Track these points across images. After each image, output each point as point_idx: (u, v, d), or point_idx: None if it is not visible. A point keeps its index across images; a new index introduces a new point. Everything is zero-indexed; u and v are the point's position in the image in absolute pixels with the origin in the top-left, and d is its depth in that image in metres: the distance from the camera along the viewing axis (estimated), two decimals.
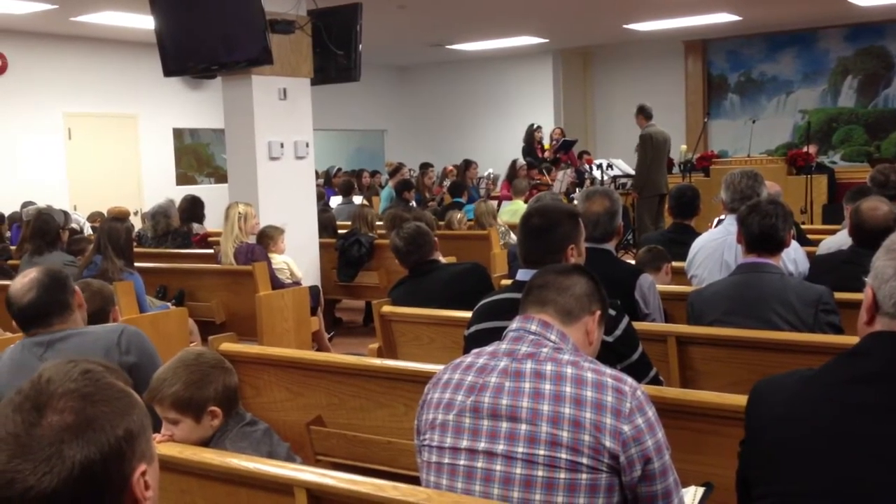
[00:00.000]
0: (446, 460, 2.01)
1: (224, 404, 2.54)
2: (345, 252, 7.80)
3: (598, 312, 2.24)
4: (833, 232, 5.35)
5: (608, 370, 2.01)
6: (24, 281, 2.99)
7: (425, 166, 12.31)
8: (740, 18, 12.85)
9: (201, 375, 2.52)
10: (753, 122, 12.85)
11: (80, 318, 3.08)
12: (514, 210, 9.39)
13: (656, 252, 4.65)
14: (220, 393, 2.53)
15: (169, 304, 6.06)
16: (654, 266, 4.51)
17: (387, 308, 4.35)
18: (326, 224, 8.41)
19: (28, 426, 1.20)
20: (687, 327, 3.56)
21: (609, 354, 2.56)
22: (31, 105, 11.58)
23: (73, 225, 8.60)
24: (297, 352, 3.69)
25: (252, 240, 6.57)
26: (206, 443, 2.53)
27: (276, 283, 6.33)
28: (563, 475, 1.88)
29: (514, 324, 2.16)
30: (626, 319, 2.82)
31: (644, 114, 10.15)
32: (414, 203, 10.45)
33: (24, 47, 11.46)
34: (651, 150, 9.97)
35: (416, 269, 4.62)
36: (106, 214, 8.94)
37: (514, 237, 7.91)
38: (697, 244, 4.52)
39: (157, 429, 2.50)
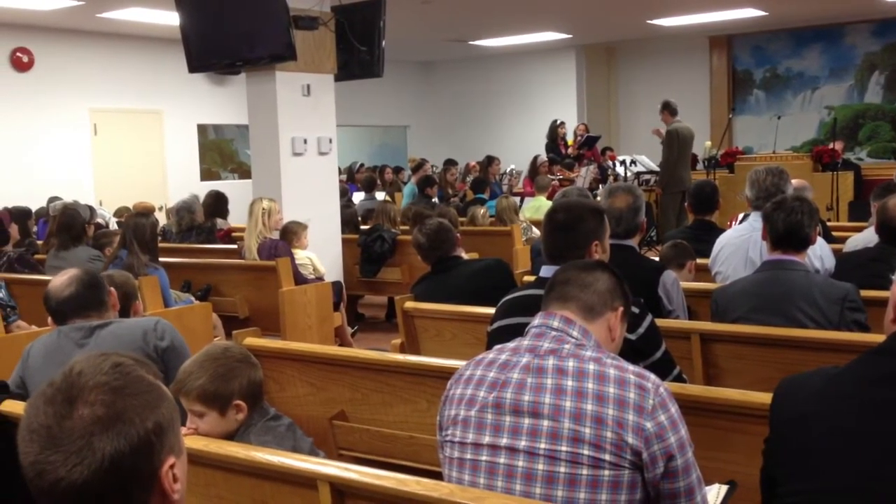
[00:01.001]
0: (468, 456, 2.01)
1: (249, 398, 2.55)
2: (367, 248, 7.82)
3: (621, 309, 2.24)
4: (859, 229, 5.31)
5: (631, 367, 2.00)
6: (63, 278, 3.11)
7: (448, 162, 12.31)
8: (766, 13, 12.75)
9: (227, 369, 2.53)
10: (779, 118, 12.76)
11: (113, 317, 3.20)
12: (536, 206, 9.38)
13: (681, 248, 4.60)
14: (245, 387, 2.54)
15: (193, 298, 6.10)
16: (679, 263, 4.48)
17: (409, 304, 4.37)
18: (349, 220, 8.44)
19: (60, 418, 1.22)
20: (711, 324, 3.55)
21: (632, 352, 2.56)
22: (57, 101, 11.68)
23: (99, 220, 8.67)
24: (321, 347, 3.71)
25: (275, 235, 6.60)
26: (230, 436, 2.54)
27: (299, 279, 6.36)
28: (585, 471, 1.88)
29: (537, 320, 2.16)
30: (649, 317, 2.81)
31: (669, 110, 10.11)
32: (436, 199, 10.45)
33: (51, 43, 11.56)
34: (677, 146, 9.94)
35: (439, 265, 4.62)
36: (131, 209, 9.02)
37: (536, 233, 7.91)
38: (722, 241, 4.49)
39: (183, 422, 2.52)
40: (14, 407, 2.68)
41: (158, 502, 1.27)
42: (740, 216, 4.95)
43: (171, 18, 8.51)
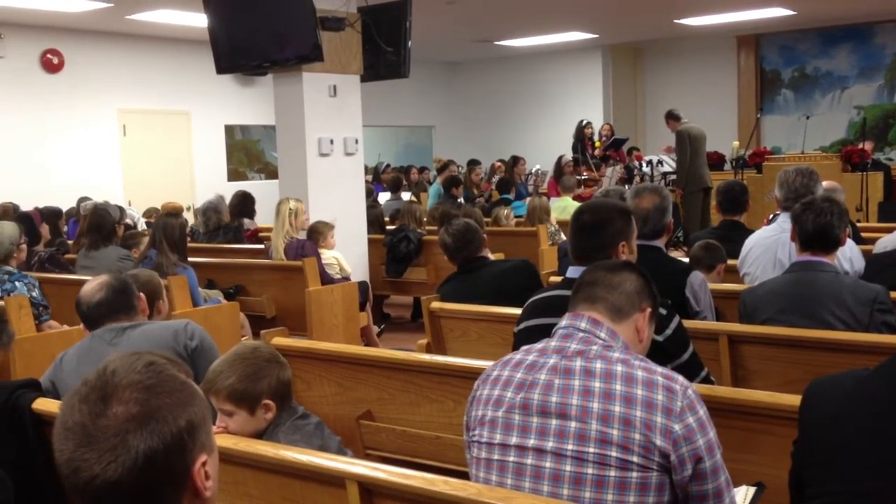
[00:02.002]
0: (496, 457, 2.02)
1: (278, 398, 2.57)
2: (393, 248, 7.84)
3: (649, 310, 2.23)
4: (889, 230, 5.25)
5: (659, 368, 2.00)
6: (93, 284, 3.18)
7: (473, 163, 12.31)
8: (794, 13, 12.64)
9: (256, 369, 2.56)
10: (807, 118, 12.64)
11: (142, 320, 3.26)
12: (562, 207, 9.36)
13: (713, 250, 4.54)
14: (273, 387, 2.56)
15: (221, 297, 6.14)
16: (708, 265, 4.44)
17: (436, 304, 4.37)
18: (374, 220, 8.46)
19: (94, 416, 1.23)
20: (739, 326, 3.53)
21: (659, 354, 2.54)
22: (87, 102, 11.80)
23: (128, 220, 8.75)
24: (348, 347, 3.73)
25: (302, 235, 6.64)
26: (259, 435, 2.56)
27: (326, 279, 6.39)
28: (613, 473, 1.88)
29: (564, 321, 2.16)
30: (676, 318, 2.80)
31: (672, 117, 10.24)
32: (462, 199, 10.46)
33: (81, 45, 11.68)
34: (689, 144, 9.95)
35: (465, 265, 4.62)
36: (160, 210, 9.09)
37: (563, 235, 7.90)
38: (750, 241, 4.47)
39: (213, 420, 2.54)
40: (47, 405, 2.71)
41: (191, 499, 1.29)
42: (771, 216, 4.92)
43: (199, 20, 8.57)
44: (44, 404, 2.72)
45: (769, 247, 4.32)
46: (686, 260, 4.47)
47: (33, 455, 2.67)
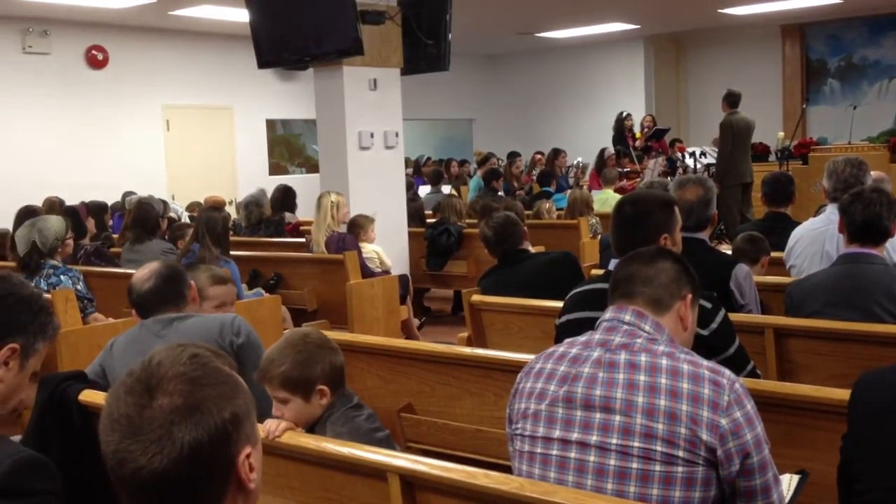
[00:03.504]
0: (539, 450, 2.00)
1: (332, 383, 2.58)
2: (434, 241, 7.84)
3: (690, 296, 2.18)
4: None
5: (705, 362, 1.97)
6: (144, 271, 3.18)
7: (513, 155, 12.27)
8: (840, 1, 12.42)
9: (308, 355, 2.57)
10: (854, 108, 12.40)
11: (192, 311, 3.24)
12: (603, 199, 9.29)
13: (757, 242, 4.45)
14: (327, 372, 2.57)
15: (262, 291, 6.19)
16: (753, 258, 4.36)
17: (476, 297, 4.36)
18: (415, 213, 8.47)
19: (140, 408, 1.24)
20: (785, 319, 3.48)
21: (704, 348, 2.50)
22: (131, 98, 11.95)
23: (172, 214, 8.86)
24: (389, 340, 3.73)
25: (343, 229, 6.66)
26: (315, 422, 2.58)
27: (367, 272, 6.41)
28: (658, 467, 1.86)
29: (608, 314, 2.14)
30: (722, 312, 2.75)
31: (729, 101, 9.92)
32: (502, 192, 10.43)
33: (125, 41, 11.83)
34: (731, 138, 9.75)
35: (506, 258, 4.61)
36: (203, 204, 9.18)
37: (601, 229, 7.86)
38: (797, 233, 4.40)
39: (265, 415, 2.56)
40: (93, 396, 2.75)
41: (235, 491, 1.29)
42: (819, 207, 4.84)
43: (240, 15, 8.64)
44: (90, 395, 2.75)
45: (816, 238, 4.25)
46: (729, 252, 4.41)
47: (79, 445, 2.71)
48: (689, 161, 11.32)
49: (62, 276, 5.03)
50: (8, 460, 1.68)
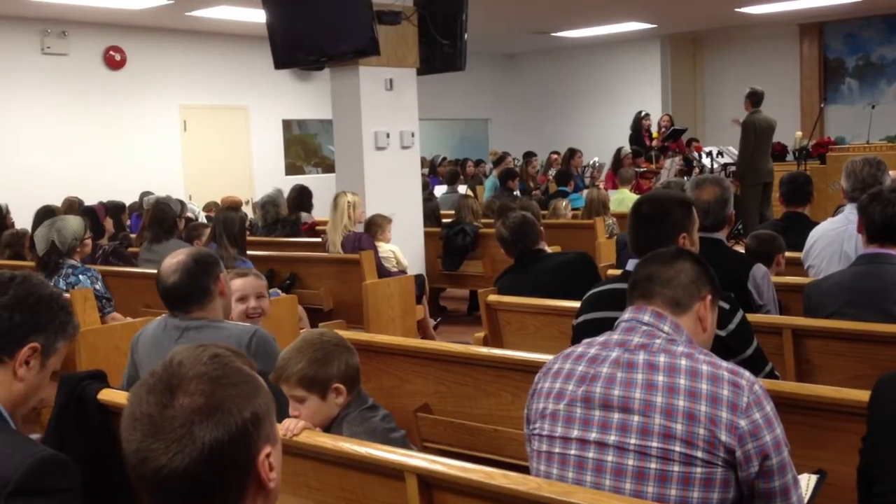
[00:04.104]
0: (557, 450, 2.00)
1: (347, 382, 2.59)
2: (449, 241, 7.84)
3: (709, 297, 2.17)
4: None
5: (724, 363, 1.96)
6: (172, 262, 3.06)
7: (529, 155, 12.26)
8: (859, 0, 12.35)
9: (324, 354, 2.58)
10: (873, 107, 12.34)
11: (219, 306, 3.11)
12: (619, 199, 9.27)
13: (768, 241, 4.42)
14: (342, 370, 2.58)
15: (278, 290, 6.21)
16: (766, 257, 4.32)
17: (493, 297, 4.36)
18: (430, 213, 8.47)
19: (161, 407, 1.25)
20: (804, 319, 3.46)
21: (722, 349, 2.50)
22: (148, 98, 12.01)
23: (189, 214, 8.89)
24: (405, 339, 3.74)
25: (359, 228, 6.67)
26: (331, 421, 2.59)
27: (383, 272, 6.41)
28: (676, 468, 1.86)
29: (627, 314, 2.13)
30: (740, 313, 2.74)
31: (752, 99, 9.85)
32: (518, 192, 10.42)
33: (142, 42, 11.89)
34: (753, 137, 9.69)
35: (522, 258, 4.61)
36: (219, 204, 9.22)
37: (617, 229, 7.84)
38: (815, 234, 4.37)
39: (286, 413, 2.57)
40: (112, 395, 2.77)
41: (255, 490, 1.30)
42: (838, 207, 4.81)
43: (257, 16, 8.66)
44: (109, 395, 2.77)
45: (835, 239, 4.22)
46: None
47: (99, 444, 2.72)
48: (706, 161, 11.27)
49: (81, 276, 5.07)
50: (29, 459, 1.69)
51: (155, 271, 5.42)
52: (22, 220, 7.71)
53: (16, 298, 1.93)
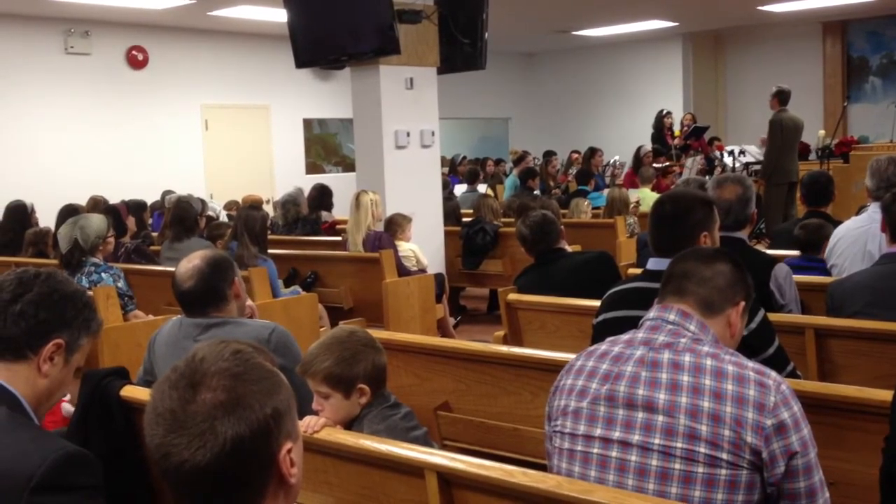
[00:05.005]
0: (579, 448, 2.00)
1: (373, 382, 2.60)
2: (469, 240, 7.84)
3: (742, 303, 2.15)
4: None
5: (750, 363, 1.94)
6: (187, 266, 3.08)
7: (549, 154, 12.23)
8: None
9: (353, 353, 2.58)
10: None
11: (234, 307, 3.13)
12: (640, 198, 9.23)
13: (814, 228, 4.59)
14: (369, 371, 2.59)
15: (299, 289, 6.23)
16: (815, 245, 4.50)
17: (513, 296, 4.36)
18: (450, 212, 8.47)
19: (184, 402, 1.26)
20: (826, 319, 3.44)
21: (743, 348, 2.48)
22: (170, 97, 12.09)
23: (210, 212, 8.94)
24: (426, 338, 3.74)
25: (379, 227, 6.68)
26: (352, 419, 2.60)
27: (403, 271, 6.43)
28: (701, 469, 1.84)
29: (652, 312, 2.12)
30: (761, 312, 2.73)
31: (779, 98, 9.75)
32: (538, 191, 10.40)
33: (164, 42, 11.97)
34: (780, 136, 9.61)
35: (542, 257, 4.60)
36: (240, 202, 9.26)
37: (638, 228, 7.81)
38: (839, 233, 4.34)
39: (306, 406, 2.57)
40: (134, 392, 2.78)
41: (276, 485, 1.31)
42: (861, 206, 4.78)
43: (278, 15, 8.70)
44: (131, 391, 2.79)
45: (858, 238, 4.19)
46: (770, 252, 4.38)
47: (121, 441, 2.74)
48: (728, 160, 11.21)
49: (103, 274, 5.10)
50: (52, 455, 1.70)
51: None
52: (45, 218, 7.77)
53: (40, 295, 1.95)
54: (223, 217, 9.11)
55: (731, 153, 11.26)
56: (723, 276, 2.13)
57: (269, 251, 5.99)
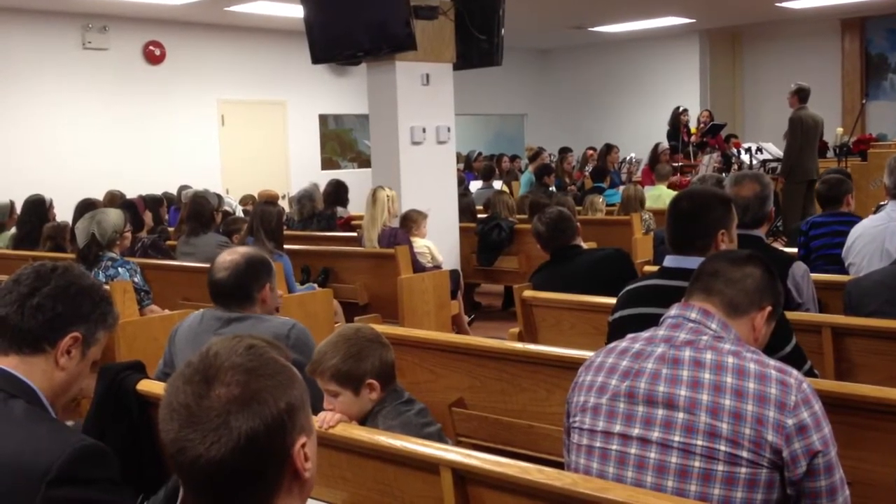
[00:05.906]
0: (598, 444, 1.99)
1: (382, 378, 2.60)
2: (485, 236, 7.83)
3: (769, 308, 2.14)
4: None
5: (772, 361, 1.93)
6: (227, 258, 3.11)
7: (564, 151, 12.20)
8: None
9: (359, 349, 2.59)
10: None
11: (259, 311, 3.14)
12: (656, 195, 9.20)
13: (835, 182, 4.69)
14: (377, 367, 2.59)
15: (315, 285, 6.24)
16: (835, 199, 4.63)
17: (528, 293, 4.35)
18: (465, 208, 8.46)
19: (198, 397, 1.27)
20: (844, 318, 3.41)
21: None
22: (187, 93, 12.13)
23: (226, 208, 8.96)
24: (441, 334, 3.73)
25: (394, 223, 6.68)
26: (365, 416, 2.60)
27: (418, 267, 6.42)
28: (721, 467, 1.83)
29: (673, 310, 2.11)
30: (778, 310, 2.71)
31: (799, 95, 9.70)
32: (553, 188, 10.38)
33: (181, 37, 12.01)
34: (800, 134, 9.55)
35: (558, 254, 4.59)
36: (256, 198, 9.29)
37: (654, 225, 7.78)
38: (856, 231, 4.31)
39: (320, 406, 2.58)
40: (150, 386, 2.80)
41: (291, 480, 1.31)
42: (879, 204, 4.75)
43: (295, 11, 8.72)
44: (147, 385, 2.80)
45: (876, 236, 4.16)
46: (788, 250, 4.35)
47: (137, 434, 2.76)
48: (745, 157, 11.15)
49: (120, 269, 5.12)
50: (69, 448, 1.71)
51: (192, 264, 5.47)
52: (63, 213, 7.81)
53: (57, 289, 1.96)
54: (239, 212, 9.14)
55: (748, 150, 11.20)
56: (752, 279, 2.12)
57: (285, 246, 6.00)
